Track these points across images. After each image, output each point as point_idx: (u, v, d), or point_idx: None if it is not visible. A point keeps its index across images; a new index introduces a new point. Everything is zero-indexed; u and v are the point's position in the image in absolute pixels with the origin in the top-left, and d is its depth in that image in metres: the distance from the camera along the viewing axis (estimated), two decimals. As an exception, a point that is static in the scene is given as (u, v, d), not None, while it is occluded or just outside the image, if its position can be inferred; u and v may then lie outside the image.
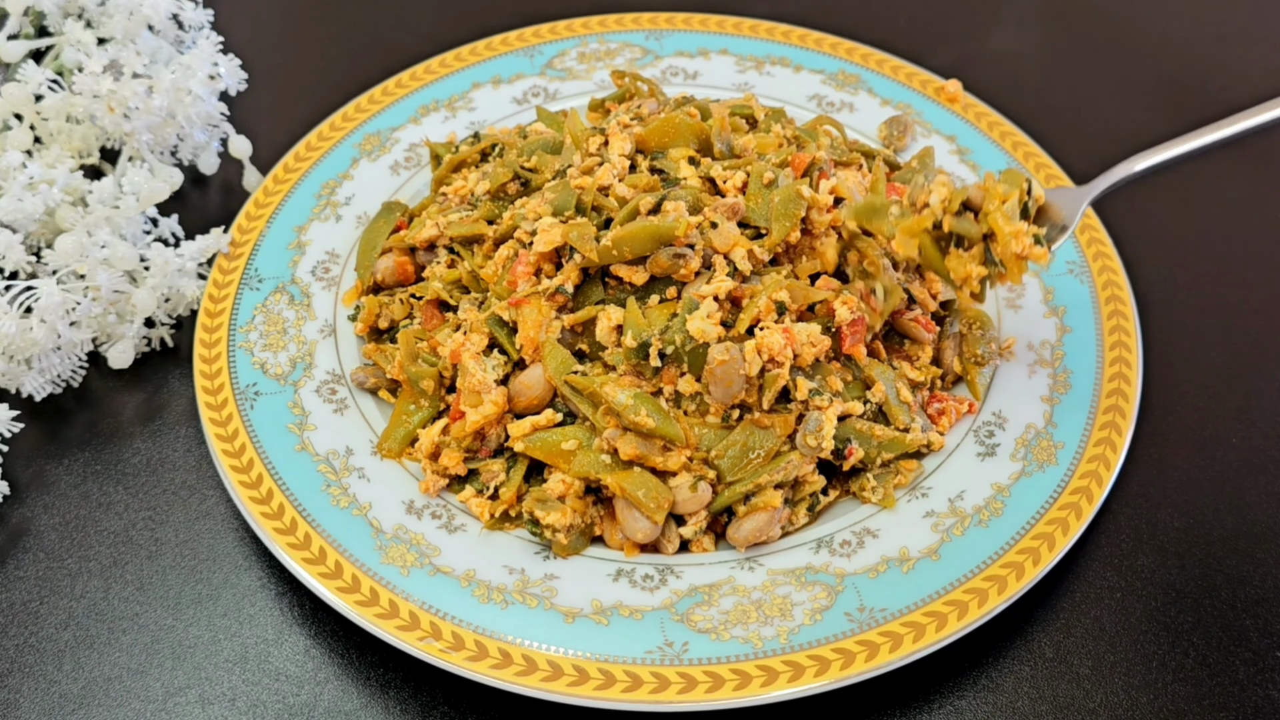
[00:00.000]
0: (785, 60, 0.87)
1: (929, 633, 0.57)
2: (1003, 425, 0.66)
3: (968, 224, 0.63)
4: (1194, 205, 0.85)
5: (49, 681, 0.59)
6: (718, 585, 0.59)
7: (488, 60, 0.87)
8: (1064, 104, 0.92)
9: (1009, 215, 0.62)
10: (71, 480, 0.68)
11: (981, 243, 0.63)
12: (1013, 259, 0.62)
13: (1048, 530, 0.61)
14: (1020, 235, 0.62)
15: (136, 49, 0.78)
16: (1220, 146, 0.64)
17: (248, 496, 0.62)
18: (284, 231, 0.76)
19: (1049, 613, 0.62)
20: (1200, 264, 0.81)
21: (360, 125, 0.82)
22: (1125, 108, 0.92)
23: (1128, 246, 0.78)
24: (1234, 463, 0.70)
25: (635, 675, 0.55)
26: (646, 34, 0.89)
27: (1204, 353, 0.75)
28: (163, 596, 0.63)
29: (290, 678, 0.60)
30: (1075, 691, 0.59)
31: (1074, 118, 0.91)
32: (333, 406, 0.67)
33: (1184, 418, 0.72)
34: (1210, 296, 0.79)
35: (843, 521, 0.63)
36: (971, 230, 0.63)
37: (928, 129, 0.82)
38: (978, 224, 0.63)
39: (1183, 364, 0.74)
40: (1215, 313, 0.78)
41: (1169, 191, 0.85)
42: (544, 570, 0.60)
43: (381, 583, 0.59)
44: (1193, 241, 0.83)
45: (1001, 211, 0.62)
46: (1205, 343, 0.76)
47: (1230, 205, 0.85)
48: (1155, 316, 0.76)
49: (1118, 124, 0.91)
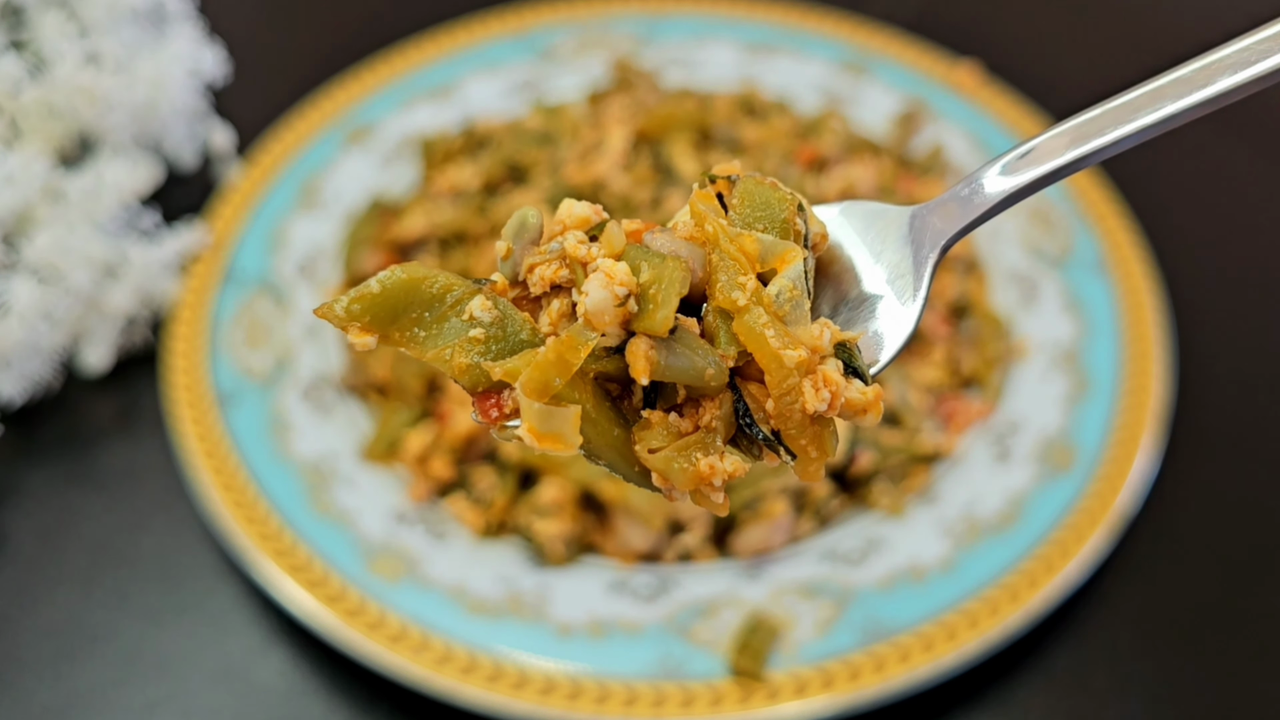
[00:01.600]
0: (790, 46, 0.84)
1: (939, 645, 0.55)
2: (1018, 430, 0.64)
3: (691, 351, 0.28)
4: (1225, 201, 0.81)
5: (28, 693, 0.58)
6: (719, 597, 0.57)
7: (481, 48, 0.84)
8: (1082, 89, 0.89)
9: (783, 313, 0.28)
10: (49, 487, 0.66)
11: (727, 393, 0.29)
12: (802, 424, 0.28)
13: (1064, 539, 0.59)
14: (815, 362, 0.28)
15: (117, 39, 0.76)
16: None
17: (228, 502, 0.60)
18: (266, 226, 0.73)
19: (1064, 625, 0.60)
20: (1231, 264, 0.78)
21: (347, 115, 0.79)
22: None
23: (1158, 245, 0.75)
24: (1258, 470, 0.67)
25: (633, 689, 0.53)
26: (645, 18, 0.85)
27: (1231, 356, 0.73)
28: (142, 607, 0.61)
29: (273, 691, 0.58)
30: (1091, 706, 0.57)
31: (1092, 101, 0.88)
32: (317, 410, 0.65)
33: (1208, 423, 0.69)
34: (1241, 298, 0.76)
35: (850, 530, 0.60)
36: (702, 369, 0.28)
37: (940, 117, 0.79)
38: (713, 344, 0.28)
39: (1207, 366, 0.72)
40: (1246, 314, 0.75)
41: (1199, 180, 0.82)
42: (538, 581, 0.58)
43: (369, 594, 0.57)
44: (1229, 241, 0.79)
45: (764, 305, 0.28)
46: (1233, 345, 0.73)
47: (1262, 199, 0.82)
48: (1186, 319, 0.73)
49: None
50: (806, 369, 0.28)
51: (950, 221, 0.31)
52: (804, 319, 0.28)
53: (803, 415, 0.28)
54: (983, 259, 0.72)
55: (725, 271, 0.28)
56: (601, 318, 0.27)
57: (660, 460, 0.28)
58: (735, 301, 0.28)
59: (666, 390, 0.29)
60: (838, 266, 0.31)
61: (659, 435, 0.28)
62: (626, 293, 0.27)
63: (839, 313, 0.31)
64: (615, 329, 0.28)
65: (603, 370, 0.28)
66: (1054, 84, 0.88)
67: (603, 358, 0.28)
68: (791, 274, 0.28)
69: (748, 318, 0.28)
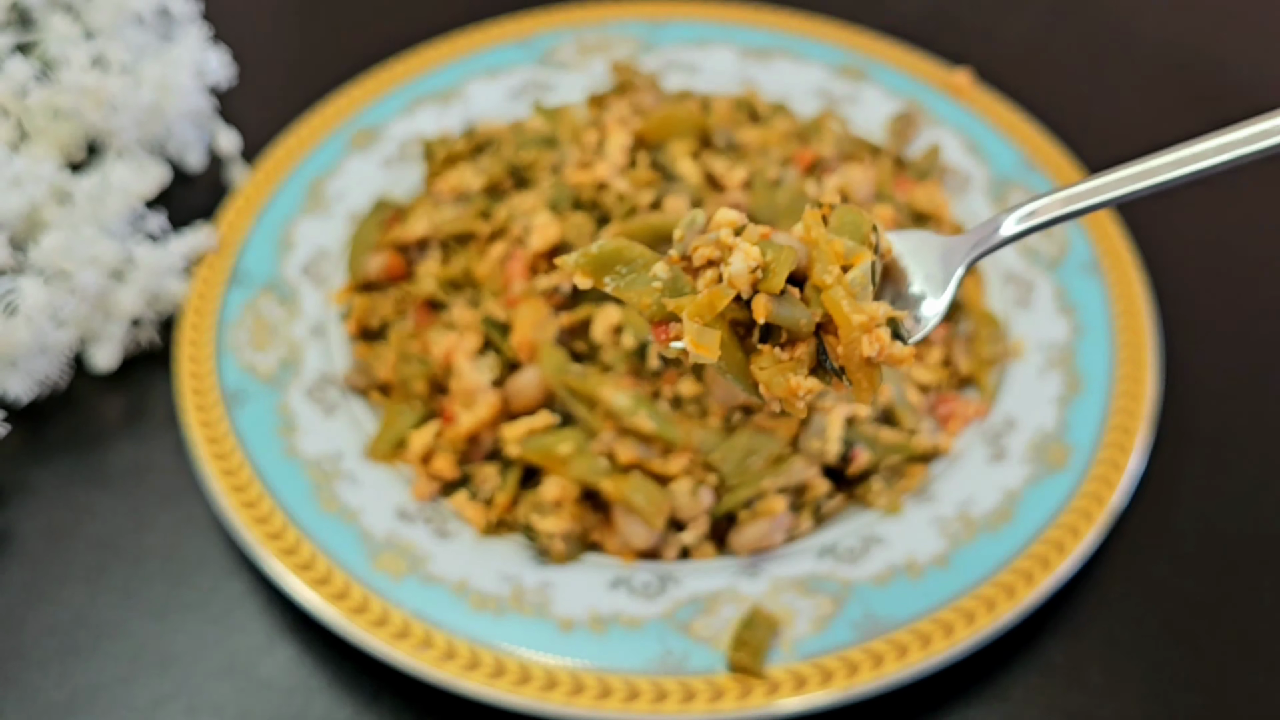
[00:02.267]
0: (789, 50, 0.85)
1: (936, 641, 0.55)
2: (1013, 428, 0.65)
3: (793, 307, 0.40)
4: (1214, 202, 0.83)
5: (34, 690, 0.58)
6: (719, 593, 0.58)
7: (483, 52, 0.85)
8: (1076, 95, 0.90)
9: (855, 292, 0.40)
10: (55, 485, 0.67)
11: (812, 338, 0.40)
12: (860, 366, 0.40)
13: (1058, 536, 0.59)
14: (873, 325, 0.40)
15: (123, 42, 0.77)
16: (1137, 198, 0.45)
17: (235, 502, 0.60)
18: (272, 228, 0.74)
19: (1060, 621, 0.61)
20: (1219, 263, 0.79)
21: (351, 119, 0.80)
22: (1140, 98, 0.90)
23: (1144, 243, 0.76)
24: (1251, 468, 0.68)
25: (633, 685, 0.54)
26: (645, 23, 0.86)
27: (1221, 355, 0.74)
28: (149, 604, 0.62)
29: (279, 687, 0.58)
30: (1086, 701, 0.58)
31: (1087, 108, 0.89)
32: (322, 409, 0.66)
33: (1200, 421, 0.70)
34: (1229, 297, 0.77)
35: (848, 528, 0.61)
36: (798, 319, 0.40)
37: (937, 121, 0.80)
38: (807, 306, 0.40)
39: (1199, 366, 0.72)
40: (1235, 313, 0.76)
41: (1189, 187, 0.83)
42: (540, 577, 0.59)
43: (373, 590, 0.57)
44: (1213, 240, 0.81)
45: (843, 285, 0.40)
46: (1223, 345, 0.74)
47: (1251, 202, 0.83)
48: (1172, 317, 0.74)
49: (1132, 115, 0.89)
50: (865, 328, 0.40)
51: (974, 250, 0.45)
52: (868, 298, 0.41)
53: (861, 358, 0.40)
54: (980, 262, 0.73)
55: (820, 262, 0.41)
56: (739, 280, 0.40)
57: (766, 375, 0.41)
58: (825, 281, 0.41)
59: (774, 333, 0.41)
60: (896, 273, 0.45)
61: (767, 359, 0.41)
62: (756, 265, 0.40)
63: (895, 302, 0.44)
64: (747, 290, 0.40)
65: (735, 317, 0.41)
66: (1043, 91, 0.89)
67: (735, 309, 0.41)
68: (863, 268, 0.41)
69: (831, 291, 0.40)
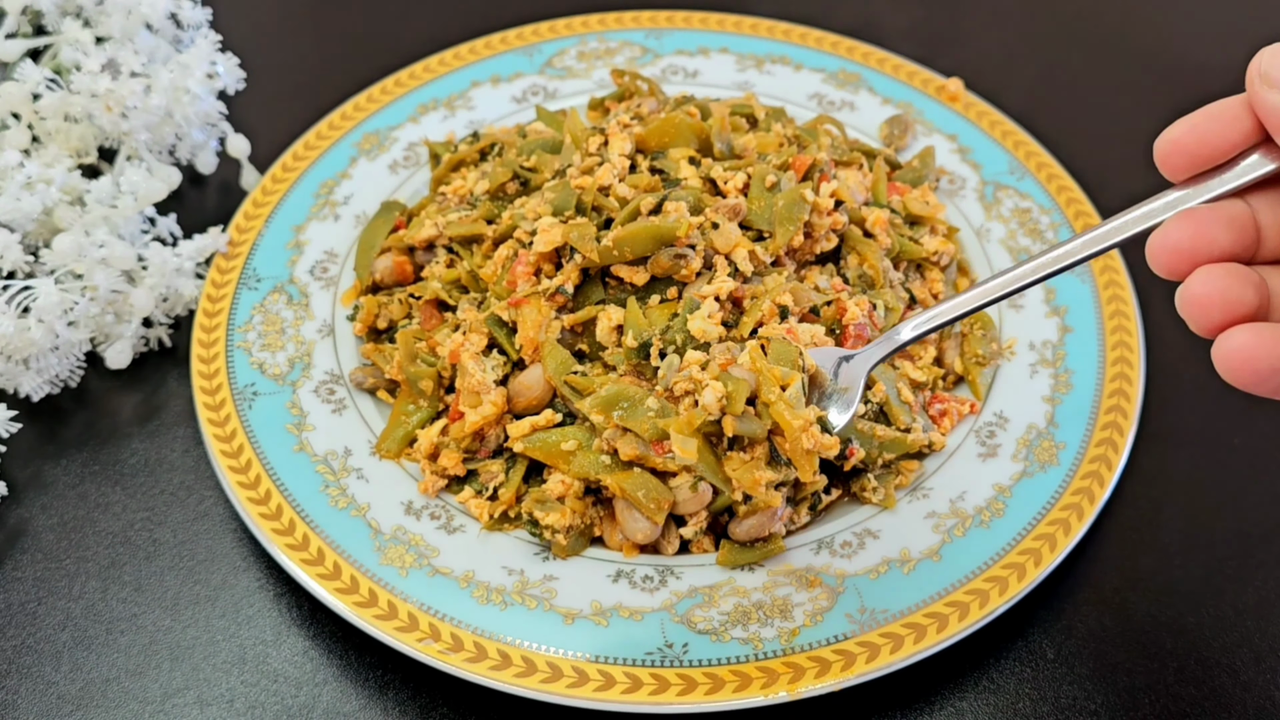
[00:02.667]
0: (785, 59, 0.86)
1: (930, 634, 0.57)
2: (1004, 426, 0.66)
3: (750, 422, 0.55)
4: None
5: (47, 682, 0.59)
6: (718, 586, 0.59)
7: (487, 59, 0.86)
8: (1063, 102, 0.92)
9: (792, 404, 0.54)
10: (69, 481, 0.68)
11: (765, 441, 0.56)
12: (801, 455, 0.54)
13: (1049, 531, 0.61)
14: (808, 425, 0.54)
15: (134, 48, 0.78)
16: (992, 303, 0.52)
17: (246, 497, 0.62)
18: (282, 231, 0.75)
19: (1050, 614, 0.62)
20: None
21: (359, 124, 0.82)
22: (1126, 104, 0.92)
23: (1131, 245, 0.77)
24: (1236, 463, 0.69)
25: (635, 677, 0.55)
26: (646, 32, 0.88)
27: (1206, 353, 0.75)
28: (160, 597, 0.63)
29: (288, 679, 0.59)
30: (1077, 693, 0.59)
31: (1075, 115, 0.91)
32: (331, 407, 0.67)
33: (1186, 418, 0.71)
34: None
35: (843, 522, 0.62)
36: (755, 430, 0.55)
37: (929, 128, 0.82)
38: (759, 418, 0.55)
39: (1185, 364, 0.74)
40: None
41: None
42: (543, 571, 0.60)
43: (380, 584, 0.58)
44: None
45: (784, 401, 0.54)
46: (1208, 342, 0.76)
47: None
48: (1157, 316, 0.76)
49: (1118, 121, 0.91)
50: (803, 429, 0.55)
51: (877, 357, 0.57)
52: (802, 405, 0.55)
53: (802, 450, 0.55)
54: (972, 263, 0.75)
55: (766, 384, 0.56)
56: (711, 408, 0.55)
57: (737, 473, 0.57)
58: (770, 399, 0.55)
59: (738, 441, 0.57)
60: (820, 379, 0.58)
61: (736, 462, 0.57)
62: (721, 395, 0.55)
63: (819, 402, 0.57)
64: (716, 412, 0.56)
65: (709, 431, 0.56)
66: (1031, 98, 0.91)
67: (708, 425, 0.56)
68: (796, 386, 0.55)
69: (776, 406, 0.55)
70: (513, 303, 0.65)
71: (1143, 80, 0.95)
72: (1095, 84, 0.94)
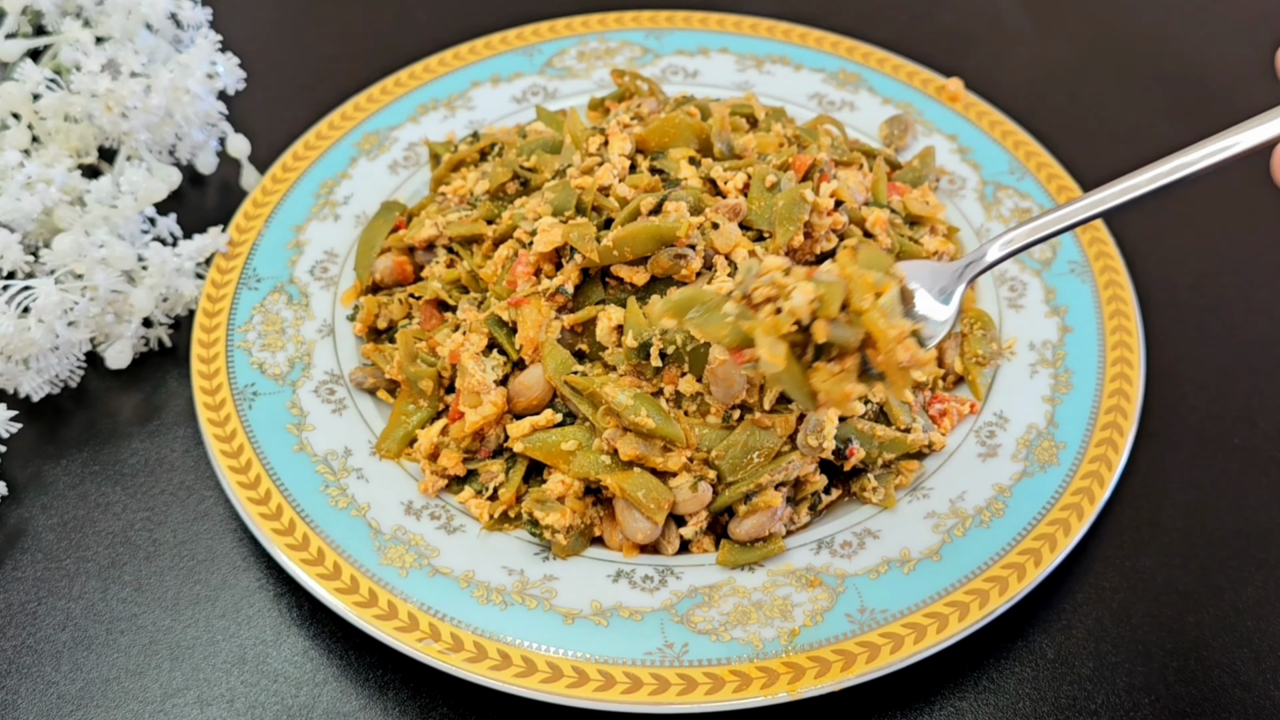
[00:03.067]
0: (785, 59, 0.86)
1: (930, 634, 0.57)
2: (1004, 426, 0.66)
3: (844, 329, 0.49)
4: (1196, 204, 0.84)
5: (47, 682, 0.59)
6: (718, 586, 0.59)
7: (487, 59, 0.86)
8: (1063, 102, 0.92)
9: (889, 313, 0.49)
10: (69, 481, 0.68)
11: (857, 352, 0.50)
12: (896, 369, 0.50)
13: (1049, 531, 0.61)
14: (905, 338, 0.49)
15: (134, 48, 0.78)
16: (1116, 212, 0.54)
17: (246, 497, 0.62)
18: (282, 231, 0.76)
19: (1050, 614, 0.62)
20: (1202, 263, 0.81)
21: (359, 124, 0.82)
22: (1125, 104, 0.92)
23: (1129, 245, 0.78)
24: (1236, 463, 0.69)
25: (635, 677, 0.55)
26: (646, 32, 0.88)
27: (1206, 353, 0.75)
28: (160, 597, 0.63)
29: (288, 679, 0.59)
30: (1077, 693, 0.59)
31: (1075, 115, 0.91)
32: (331, 407, 0.67)
33: (1186, 418, 0.72)
34: (1212, 296, 0.79)
35: (843, 522, 0.62)
36: (849, 338, 0.49)
37: (929, 128, 0.82)
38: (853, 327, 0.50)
39: (1185, 364, 0.74)
40: (1217, 312, 0.78)
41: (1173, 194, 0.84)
42: (543, 571, 0.60)
43: (380, 584, 0.58)
44: (1194, 240, 0.82)
45: (879, 309, 0.49)
46: (1207, 342, 0.76)
47: (1232, 203, 0.85)
48: (1157, 316, 0.76)
49: (1118, 121, 0.91)
50: (899, 340, 0.50)
51: (967, 272, 0.57)
52: (898, 316, 0.50)
53: (897, 363, 0.50)
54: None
55: (858, 292, 0.50)
56: (799, 310, 0.50)
57: (824, 385, 0.50)
58: (863, 306, 0.50)
59: (826, 350, 0.51)
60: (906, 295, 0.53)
61: (824, 373, 0.51)
62: (814, 297, 0.50)
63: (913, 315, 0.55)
64: (806, 317, 0.50)
65: (793, 339, 0.50)
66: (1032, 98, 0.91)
67: (793, 332, 0.50)
68: (892, 294, 0.50)
69: (870, 314, 0.50)
70: (513, 303, 0.65)
71: (1143, 80, 0.95)
72: (1095, 84, 0.94)
